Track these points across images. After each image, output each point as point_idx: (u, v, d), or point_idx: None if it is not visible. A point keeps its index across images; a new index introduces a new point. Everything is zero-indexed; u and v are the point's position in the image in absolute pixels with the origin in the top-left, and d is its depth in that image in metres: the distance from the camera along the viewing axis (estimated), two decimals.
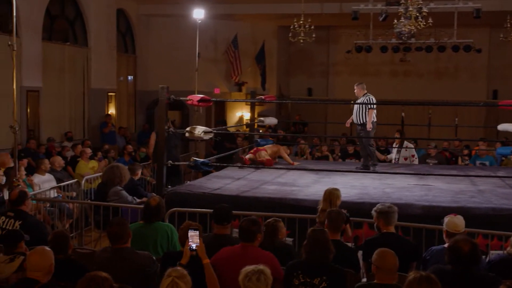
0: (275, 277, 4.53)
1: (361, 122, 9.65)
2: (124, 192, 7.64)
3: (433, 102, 18.81)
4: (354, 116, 9.84)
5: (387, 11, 14.06)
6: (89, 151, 11.16)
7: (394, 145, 12.10)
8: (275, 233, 5.17)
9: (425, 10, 12.95)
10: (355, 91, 9.86)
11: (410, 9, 12.78)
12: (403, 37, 14.18)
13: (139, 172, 8.79)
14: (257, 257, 4.58)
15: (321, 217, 5.77)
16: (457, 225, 5.03)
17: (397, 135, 12.07)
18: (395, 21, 13.54)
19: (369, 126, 9.53)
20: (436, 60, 19.85)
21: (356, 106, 9.81)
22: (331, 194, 6.00)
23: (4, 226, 5.81)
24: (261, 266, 3.80)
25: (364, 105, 9.54)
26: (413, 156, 11.63)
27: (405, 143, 11.76)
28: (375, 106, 9.55)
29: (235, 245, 4.76)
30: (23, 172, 8.92)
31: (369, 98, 9.60)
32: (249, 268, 3.82)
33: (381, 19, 14.24)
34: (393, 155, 11.85)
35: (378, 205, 5.49)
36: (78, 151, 11.27)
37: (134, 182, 8.41)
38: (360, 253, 5.40)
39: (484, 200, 7.30)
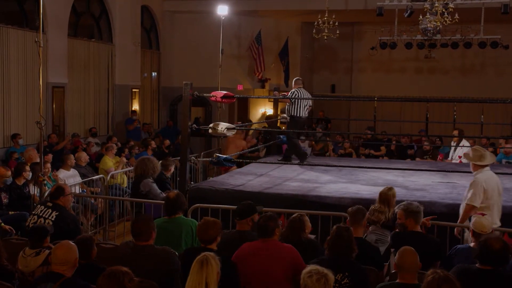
0: (297, 270, 4.55)
1: (289, 115, 9.83)
2: (155, 185, 7.64)
3: (458, 99, 18.60)
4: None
5: (412, 7, 13.92)
6: (115, 147, 11.23)
7: (452, 143, 11.78)
8: (302, 228, 5.13)
9: (451, 6, 12.77)
10: (293, 86, 9.95)
11: (436, 5, 12.63)
12: (429, 34, 14.03)
13: (172, 167, 8.68)
14: (278, 250, 4.61)
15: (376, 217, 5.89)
16: (484, 226, 4.94)
17: (455, 133, 11.73)
18: (421, 17, 13.39)
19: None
20: (462, 56, 19.59)
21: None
22: (387, 196, 6.00)
23: (41, 214, 6.03)
24: (325, 271, 3.79)
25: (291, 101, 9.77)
26: None
27: (463, 141, 11.44)
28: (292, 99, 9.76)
29: (255, 241, 4.77)
30: (49, 167, 9.05)
31: (293, 91, 9.86)
32: (314, 267, 3.84)
33: (406, 15, 14.10)
34: (451, 153, 11.64)
35: (404, 203, 5.43)
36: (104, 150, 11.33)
37: (163, 176, 8.45)
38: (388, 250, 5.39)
39: (510, 198, 7.19)
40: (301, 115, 9.72)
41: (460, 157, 11.26)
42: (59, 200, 6.18)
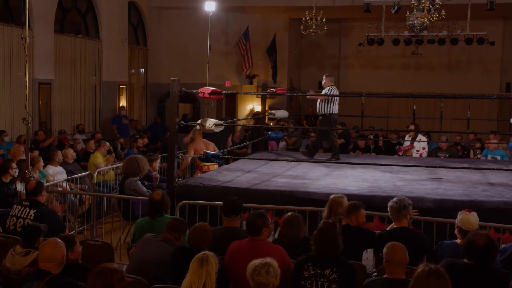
0: (285, 269, 4.55)
1: (322, 113, 9.73)
2: (139, 183, 7.68)
3: (445, 95, 18.75)
4: (317, 107, 9.88)
5: (399, 3, 13.98)
6: (108, 144, 11.13)
7: (407, 137, 12.08)
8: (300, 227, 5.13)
9: (438, 2, 12.84)
10: (323, 81, 9.88)
11: (423, 1, 12.68)
12: (416, 30, 14.11)
13: (155, 163, 8.76)
14: (265, 250, 4.57)
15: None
16: (471, 223, 4.92)
17: (411, 128, 12.00)
18: (408, 13, 13.45)
19: (317, 97, 9.86)
20: (448, 53, 19.71)
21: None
22: (333, 202, 5.78)
23: (19, 215, 5.93)
24: (268, 259, 3.82)
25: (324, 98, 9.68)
26: (423, 149, 11.59)
27: (419, 136, 11.72)
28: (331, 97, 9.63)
29: (244, 239, 4.76)
30: (41, 163, 8.97)
31: (329, 89, 9.67)
32: (256, 261, 3.84)
33: (393, 11, 14.16)
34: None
35: (393, 199, 5.45)
36: (90, 147, 11.27)
37: (149, 172, 8.45)
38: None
39: (496, 193, 7.24)
40: (335, 112, 9.77)
41: (417, 151, 11.48)
42: (40, 196, 6.07)
